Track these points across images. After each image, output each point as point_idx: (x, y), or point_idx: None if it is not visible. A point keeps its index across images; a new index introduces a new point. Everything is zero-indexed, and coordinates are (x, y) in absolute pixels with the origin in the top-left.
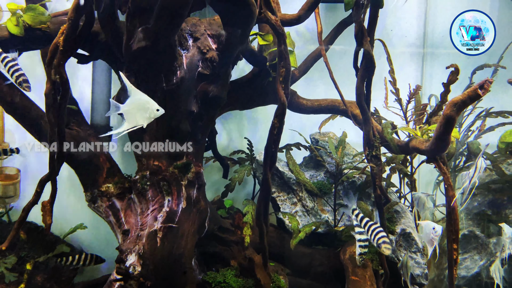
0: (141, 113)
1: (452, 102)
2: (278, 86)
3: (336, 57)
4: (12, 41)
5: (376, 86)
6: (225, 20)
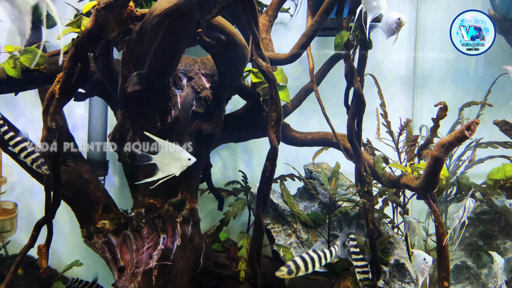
0: (173, 163)
1: (440, 143)
2: (269, 130)
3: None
4: (10, 83)
5: (368, 116)
6: (218, 62)
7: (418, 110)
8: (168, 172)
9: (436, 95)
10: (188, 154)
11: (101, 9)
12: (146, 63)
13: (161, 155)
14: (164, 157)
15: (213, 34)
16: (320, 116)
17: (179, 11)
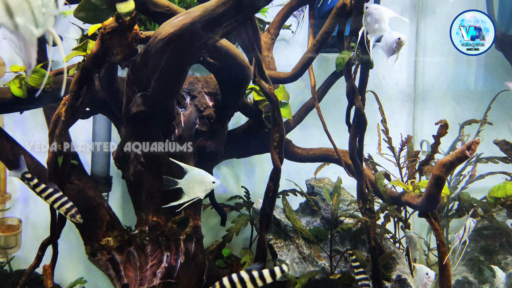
0: (198, 186)
1: (441, 162)
2: (272, 151)
3: (329, 103)
4: (16, 103)
5: (370, 130)
6: (221, 82)
7: (419, 125)
8: (193, 196)
9: (437, 110)
10: (212, 177)
11: (106, 33)
12: (151, 85)
13: (187, 180)
14: (190, 181)
15: (216, 55)
16: (321, 131)
17: (183, 36)
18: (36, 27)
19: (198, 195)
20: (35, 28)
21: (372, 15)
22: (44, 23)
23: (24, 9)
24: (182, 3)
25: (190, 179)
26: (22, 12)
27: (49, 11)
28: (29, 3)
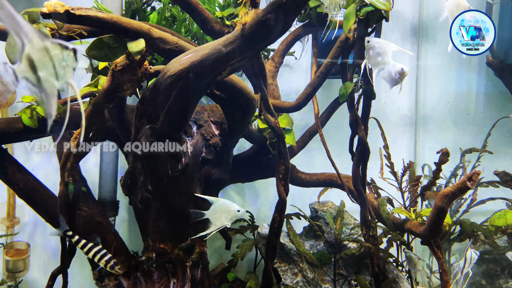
0: (224, 215)
1: (443, 193)
2: (278, 183)
3: (332, 127)
4: (26, 132)
5: (372, 154)
6: (227, 112)
7: (420, 149)
8: (220, 225)
9: (438, 134)
10: (236, 205)
11: (117, 71)
12: (159, 118)
13: (213, 210)
14: (216, 212)
15: (222, 88)
16: (324, 155)
17: (191, 73)
18: (57, 80)
19: (224, 224)
20: (56, 81)
21: (374, 48)
22: (64, 75)
23: (46, 63)
24: (189, 32)
25: (216, 210)
26: (44, 66)
27: (69, 64)
28: (51, 57)
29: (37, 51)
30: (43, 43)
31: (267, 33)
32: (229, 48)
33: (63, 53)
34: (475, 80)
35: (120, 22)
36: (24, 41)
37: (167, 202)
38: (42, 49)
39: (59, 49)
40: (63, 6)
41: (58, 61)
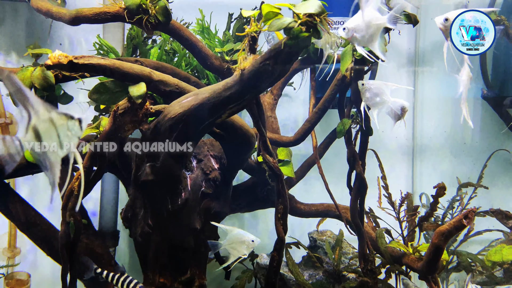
0: (240, 245)
1: (440, 231)
2: (276, 222)
3: (331, 156)
4: (28, 167)
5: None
6: (226, 149)
7: (418, 178)
8: (237, 255)
9: (435, 163)
10: (251, 235)
11: (119, 114)
12: (160, 157)
13: (229, 241)
14: (232, 242)
15: (222, 126)
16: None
17: (191, 116)
18: (61, 149)
19: (241, 254)
20: (61, 150)
21: (370, 90)
22: (69, 144)
23: (51, 134)
24: (189, 66)
25: (231, 240)
26: (50, 137)
27: (74, 133)
28: (56, 128)
29: (43, 122)
30: (49, 114)
31: (265, 79)
32: (228, 92)
33: (68, 123)
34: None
35: (122, 67)
36: (30, 113)
37: (167, 236)
38: (48, 120)
39: (64, 119)
40: (66, 57)
41: (63, 131)
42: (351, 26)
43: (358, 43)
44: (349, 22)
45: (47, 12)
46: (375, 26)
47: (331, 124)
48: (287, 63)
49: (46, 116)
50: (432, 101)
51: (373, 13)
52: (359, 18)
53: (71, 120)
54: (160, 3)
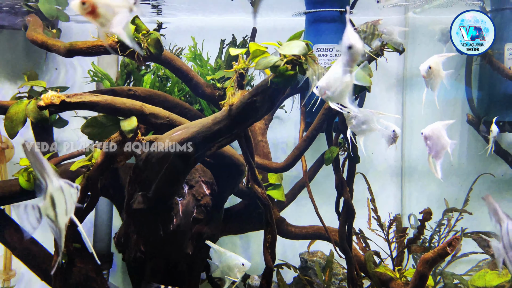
0: (232, 269)
1: (424, 259)
2: (265, 251)
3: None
4: (22, 194)
5: (359, 204)
6: (217, 177)
7: (406, 199)
8: (233, 278)
9: (423, 185)
10: (242, 259)
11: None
12: (151, 187)
13: (221, 264)
14: (223, 265)
15: (212, 155)
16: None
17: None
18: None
19: (234, 277)
20: (66, 216)
21: (357, 118)
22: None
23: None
24: (182, 91)
25: (223, 263)
26: (60, 203)
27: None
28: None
29: (56, 190)
30: (59, 182)
31: (253, 114)
32: (217, 126)
33: (70, 190)
34: (457, 132)
35: (114, 103)
36: (47, 181)
37: (159, 261)
38: (59, 188)
39: (68, 187)
40: (59, 97)
41: (68, 198)
42: (322, 85)
43: (330, 100)
44: (321, 80)
45: (42, 44)
46: (344, 84)
47: (322, 145)
48: (274, 99)
49: (57, 185)
50: (420, 122)
51: (341, 71)
52: (329, 76)
53: (72, 187)
54: (152, 36)
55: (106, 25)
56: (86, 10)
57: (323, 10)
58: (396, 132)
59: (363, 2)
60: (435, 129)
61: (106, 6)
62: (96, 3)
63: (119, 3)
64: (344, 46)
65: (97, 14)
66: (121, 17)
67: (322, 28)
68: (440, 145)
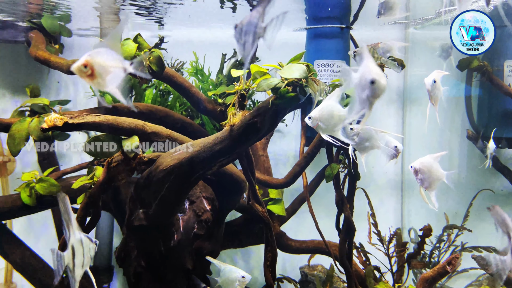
0: (232, 282)
1: (424, 277)
2: (265, 270)
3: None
4: (24, 209)
5: (360, 217)
6: (218, 193)
7: (406, 213)
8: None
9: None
10: (242, 271)
11: (113, 166)
12: (152, 206)
13: (221, 277)
14: (224, 279)
15: (213, 172)
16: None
17: (182, 168)
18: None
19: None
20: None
21: (359, 134)
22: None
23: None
24: (183, 106)
25: (225, 277)
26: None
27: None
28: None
29: (77, 242)
30: (80, 236)
31: (254, 134)
32: (218, 146)
33: (90, 245)
34: (457, 147)
35: (116, 123)
36: (70, 233)
37: (159, 277)
38: (79, 241)
39: (88, 241)
40: (61, 119)
41: (86, 252)
42: (315, 116)
43: (322, 131)
44: (314, 111)
45: (45, 61)
46: (337, 117)
47: (322, 159)
48: (275, 120)
49: (78, 237)
50: (420, 137)
51: (335, 105)
52: (322, 108)
53: (91, 242)
54: (154, 54)
55: (102, 85)
56: (86, 72)
57: (324, 26)
58: (398, 148)
59: (363, 18)
60: (425, 162)
61: (102, 67)
62: (94, 64)
63: (113, 64)
64: (365, 80)
65: (94, 75)
66: (114, 76)
67: (322, 44)
68: (433, 177)
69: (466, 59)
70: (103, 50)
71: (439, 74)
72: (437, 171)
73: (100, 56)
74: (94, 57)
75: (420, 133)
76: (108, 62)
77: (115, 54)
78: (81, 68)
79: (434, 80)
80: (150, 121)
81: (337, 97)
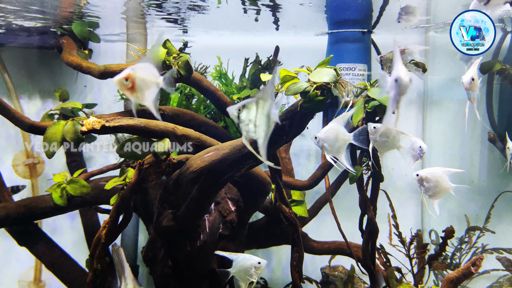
0: (248, 270)
1: (448, 278)
2: (292, 270)
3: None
4: (56, 210)
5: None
6: (244, 194)
7: (427, 215)
8: (246, 281)
9: (444, 201)
10: (257, 258)
11: (144, 168)
12: (181, 207)
13: (236, 267)
14: (239, 268)
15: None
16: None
17: (212, 170)
18: None
19: (251, 279)
20: None
21: (382, 133)
22: None
23: None
24: (207, 109)
25: (238, 266)
26: None
27: None
28: None
29: None
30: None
31: (282, 137)
32: (247, 149)
33: None
34: (478, 149)
35: (148, 126)
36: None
37: (185, 277)
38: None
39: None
40: (99, 123)
41: None
42: (321, 137)
43: (327, 152)
44: (321, 132)
45: (77, 66)
46: (342, 141)
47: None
48: (302, 123)
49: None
50: (440, 139)
51: (340, 128)
52: (328, 130)
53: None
54: (182, 58)
55: (141, 99)
56: (127, 86)
57: (346, 31)
58: (422, 148)
59: (384, 22)
60: (434, 173)
61: (142, 80)
62: (135, 79)
63: (151, 79)
64: (392, 80)
65: (135, 89)
66: (151, 91)
67: (344, 48)
68: (440, 188)
69: (488, 62)
70: (144, 66)
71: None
72: (446, 183)
73: (141, 71)
74: (136, 72)
75: (440, 136)
76: (148, 78)
77: (154, 70)
78: (123, 81)
79: (471, 77)
80: (176, 124)
81: (343, 121)
